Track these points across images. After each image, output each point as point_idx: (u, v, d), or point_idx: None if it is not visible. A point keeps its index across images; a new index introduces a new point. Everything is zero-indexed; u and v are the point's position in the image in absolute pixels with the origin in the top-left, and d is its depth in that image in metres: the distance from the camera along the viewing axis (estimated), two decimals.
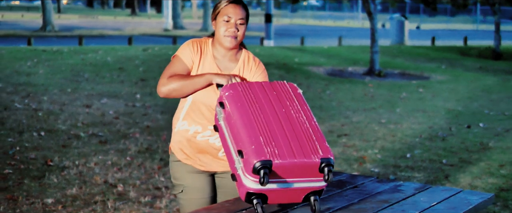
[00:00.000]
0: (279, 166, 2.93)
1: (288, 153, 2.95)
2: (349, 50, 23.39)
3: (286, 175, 2.95)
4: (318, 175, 2.96)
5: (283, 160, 2.93)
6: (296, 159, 2.94)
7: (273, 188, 2.98)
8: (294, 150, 2.96)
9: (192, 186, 3.53)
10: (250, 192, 2.99)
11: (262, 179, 2.87)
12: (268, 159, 2.92)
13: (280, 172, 2.94)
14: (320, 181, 3.00)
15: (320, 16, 75.44)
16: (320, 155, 2.95)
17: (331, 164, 2.93)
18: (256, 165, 2.91)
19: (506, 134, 9.92)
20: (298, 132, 3.02)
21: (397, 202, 3.42)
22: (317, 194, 3.04)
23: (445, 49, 25.76)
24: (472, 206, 3.41)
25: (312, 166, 2.95)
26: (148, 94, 12.42)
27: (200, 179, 3.54)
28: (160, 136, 8.89)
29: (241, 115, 3.03)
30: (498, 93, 14.70)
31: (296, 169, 2.95)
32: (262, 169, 2.89)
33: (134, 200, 6.11)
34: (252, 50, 21.48)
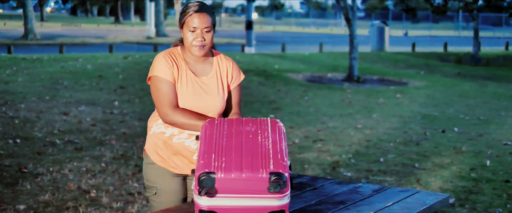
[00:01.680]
0: (225, 180, 2.90)
1: (235, 167, 2.93)
2: (330, 57, 23.51)
3: (235, 191, 2.92)
4: (271, 192, 2.93)
5: (227, 172, 2.91)
6: (243, 173, 2.91)
7: (224, 205, 2.95)
8: (243, 165, 2.93)
9: (166, 189, 3.58)
10: (202, 210, 3.00)
11: (200, 188, 2.90)
12: (212, 171, 2.92)
13: (227, 186, 2.91)
14: (275, 199, 2.94)
15: (304, 23, 75.71)
16: (270, 169, 2.92)
17: (281, 178, 2.91)
18: (199, 177, 2.94)
19: (479, 139, 10.03)
20: (255, 152, 3.00)
21: (354, 202, 3.49)
22: None
23: (424, 55, 25.94)
24: (426, 206, 3.48)
25: (260, 181, 2.90)
26: (126, 101, 12.46)
27: (174, 182, 3.59)
28: (136, 142, 8.93)
29: (205, 138, 3.08)
30: (474, 98, 14.84)
31: (245, 184, 2.91)
32: (203, 179, 2.90)
33: (106, 206, 6.15)
34: (232, 57, 21.55)
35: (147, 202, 6.27)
